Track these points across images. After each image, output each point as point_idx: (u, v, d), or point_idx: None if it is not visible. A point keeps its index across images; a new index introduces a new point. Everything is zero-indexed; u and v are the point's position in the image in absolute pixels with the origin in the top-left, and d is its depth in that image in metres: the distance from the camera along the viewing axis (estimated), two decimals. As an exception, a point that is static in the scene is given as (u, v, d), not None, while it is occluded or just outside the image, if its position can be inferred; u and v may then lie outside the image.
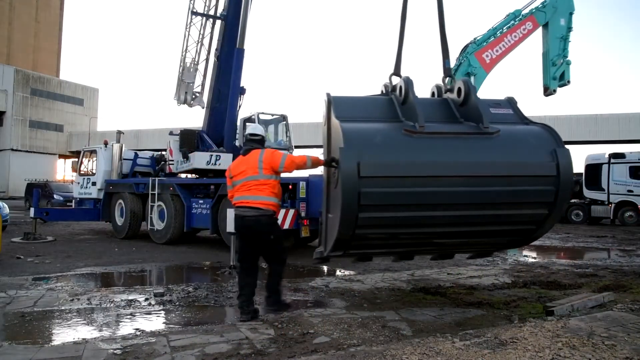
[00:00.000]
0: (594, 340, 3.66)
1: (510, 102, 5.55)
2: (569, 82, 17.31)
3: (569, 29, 17.57)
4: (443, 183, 4.71)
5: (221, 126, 12.85)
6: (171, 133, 13.07)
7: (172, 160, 12.85)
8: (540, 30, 17.76)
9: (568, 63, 17.33)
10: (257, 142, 5.31)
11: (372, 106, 5.41)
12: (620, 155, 20.22)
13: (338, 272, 8.25)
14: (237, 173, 5.15)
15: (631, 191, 19.35)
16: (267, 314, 5.10)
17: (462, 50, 18.20)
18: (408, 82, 5.20)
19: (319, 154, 5.83)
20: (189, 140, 12.48)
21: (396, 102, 5.37)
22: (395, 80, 5.65)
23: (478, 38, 18.05)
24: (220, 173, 11.71)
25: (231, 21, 12.18)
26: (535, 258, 9.92)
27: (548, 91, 17.36)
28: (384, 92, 5.89)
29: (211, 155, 11.62)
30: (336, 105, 5.14)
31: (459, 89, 5.35)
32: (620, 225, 19.41)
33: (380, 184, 4.54)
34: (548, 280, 7.26)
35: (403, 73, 5.73)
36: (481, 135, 4.87)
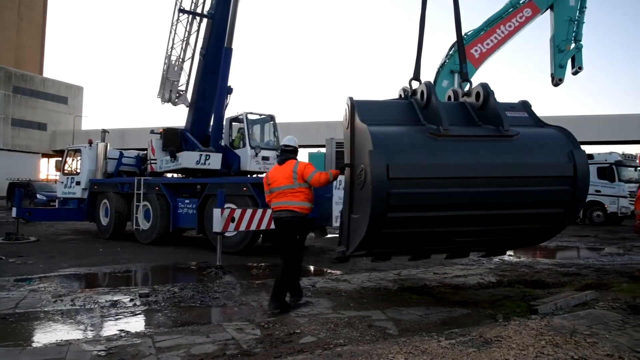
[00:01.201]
0: (577, 338, 3.72)
1: (525, 105, 5.73)
2: (580, 68, 15.62)
3: (582, 9, 15.63)
4: (468, 184, 4.92)
5: (205, 125, 12.77)
6: (152, 132, 12.95)
7: (155, 160, 12.73)
8: (548, 14, 16.10)
9: (579, 48, 15.53)
10: (290, 152, 5.79)
11: (393, 110, 5.59)
12: (589, 157, 20.47)
13: (325, 272, 8.26)
14: (274, 181, 5.62)
15: (599, 191, 19.69)
16: (270, 309, 5.28)
17: (451, 47, 17.37)
18: (430, 87, 5.39)
19: (305, 154, 5.99)
20: (173, 140, 12.36)
21: (417, 105, 5.55)
22: (415, 84, 5.84)
23: (469, 32, 16.88)
24: (208, 173, 11.64)
25: (218, 20, 12.10)
26: (519, 257, 10.03)
27: (554, 80, 15.87)
28: (402, 96, 6.04)
29: (201, 155, 11.53)
30: (360, 109, 5.29)
31: (478, 93, 5.52)
32: (590, 224, 19.76)
33: (408, 185, 4.75)
34: (532, 279, 7.35)
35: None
36: (502, 138, 5.09)
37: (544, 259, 10.08)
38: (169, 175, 13.45)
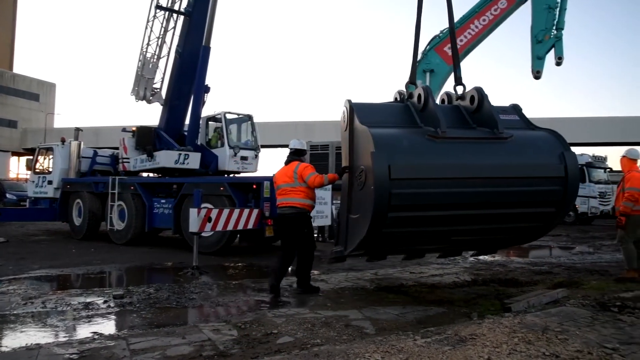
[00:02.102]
0: (548, 335, 3.80)
1: (516, 109, 5.97)
2: (560, 59, 14.29)
3: None
4: (465, 184, 5.12)
5: (180, 124, 12.61)
6: (124, 130, 12.72)
7: (127, 159, 12.51)
8: (529, 4, 15.05)
9: (558, 37, 14.28)
10: (294, 154, 6.38)
11: (390, 112, 5.79)
12: None
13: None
14: (278, 180, 6.25)
15: None
16: (296, 295, 6.04)
17: (426, 47, 16.93)
18: (428, 90, 5.59)
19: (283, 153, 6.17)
20: (146, 138, 12.17)
21: (413, 108, 5.74)
22: (411, 88, 6.06)
23: (445, 30, 16.31)
24: (185, 172, 11.49)
25: (196, 18, 11.96)
26: (494, 257, 10.20)
27: (533, 73, 14.87)
28: (398, 99, 6.25)
29: (179, 154, 11.37)
30: (358, 112, 5.48)
31: (472, 97, 5.73)
32: (561, 224, 20.19)
33: (409, 185, 4.92)
34: (506, 278, 7.49)
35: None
36: (497, 140, 5.31)
37: (518, 258, 10.28)
38: (145, 174, 13.26)
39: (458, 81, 6.22)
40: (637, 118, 33.41)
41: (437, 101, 6.35)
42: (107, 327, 4.78)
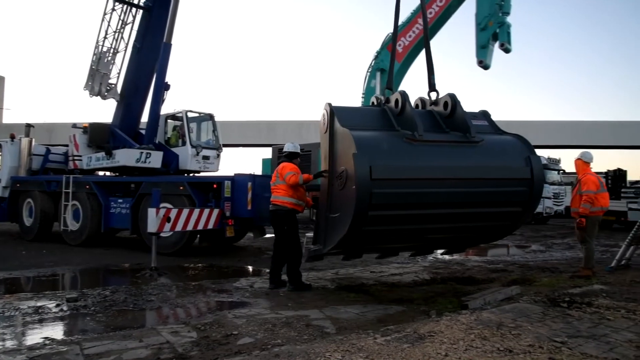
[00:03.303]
0: (503, 331, 3.93)
1: (485, 115, 6.33)
2: (503, 45, 12.82)
3: None
4: (441, 185, 5.45)
5: (135, 121, 12.28)
6: (75, 126, 12.29)
7: (79, 156, 12.08)
8: None
9: (501, 22, 12.88)
10: (285, 156, 6.76)
11: (369, 116, 6.07)
12: None
13: (263, 272, 8.21)
14: (271, 180, 6.68)
15: None
16: (287, 292, 6.22)
17: (381, 46, 16.86)
18: (405, 96, 5.85)
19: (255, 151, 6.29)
20: (100, 135, 11.80)
21: (390, 113, 6.02)
22: (389, 93, 6.36)
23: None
24: (145, 171, 11.19)
25: (157, 13, 11.66)
26: (452, 256, 10.46)
27: (478, 63, 13.53)
28: (375, 103, 6.58)
29: (141, 153, 11.05)
30: (339, 115, 5.71)
31: (446, 103, 6.04)
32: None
33: (388, 185, 5.17)
34: (463, 276, 7.70)
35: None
36: (469, 144, 5.66)
37: (475, 256, 10.58)
38: (101, 173, 12.84)
39: (432, 87, 6.53)
40: (585, 122, 35.00)
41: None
42: (60, 331, 4.60)
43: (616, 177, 19.27)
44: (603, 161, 48.56)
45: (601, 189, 7.44)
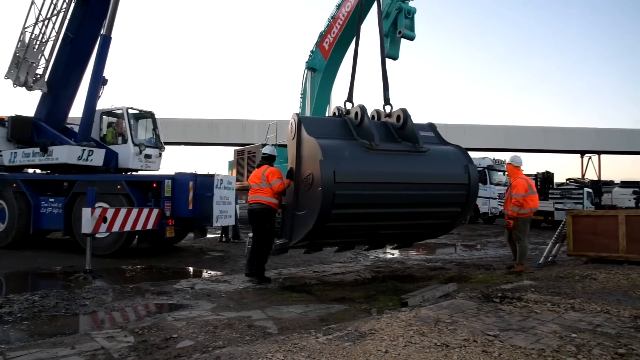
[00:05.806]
0: (440, 327, 4.08)
1: (431, 127, 7.32)
2: (400, 33, 11.35)
3: None
4: (393, 187, 6.28)
5: (63, 115, 11.67)
6: None
7: None
8: None
9: (398, 8, 11.53)
10: (265, 159, 7.39)
11: (332, 126, 6.82)
12: None
13: (204, 274, 8.06)
14: (251, 181, 7.19)
15: None
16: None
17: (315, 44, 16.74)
18: (363, 109, 6.68)
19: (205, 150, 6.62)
20: (22, 129, 11.12)
21: (350, 123, 6.82)
22: (349, 105, 7.18)
23: (327, 25, 15.90)
24: (83, 169, 10.64)
25: (94, 3, 11.10)
26: (393, 254, 10.73)
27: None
28: (336, 114, 7.37)
29: (83, 150, 10.47)
30: (306, 124, 6.47)
31: (398, 116, 6.93)
32: (464, 223, 21.83)
33: (349, 187, 5.94)
34: (404, 274, 7.91)
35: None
36: (417, 153, 6.58)
37: (415, 255, 10.89)
38: (31, 170, 12.09)
39: (386, 101, 7.35)
40: (516, 127, 37.13)
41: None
42: (-18, 340, 4.29)
43: (544, 179, 20.43)
44: (534, 164, 51.79)
45: (530, 192, 7.89)
